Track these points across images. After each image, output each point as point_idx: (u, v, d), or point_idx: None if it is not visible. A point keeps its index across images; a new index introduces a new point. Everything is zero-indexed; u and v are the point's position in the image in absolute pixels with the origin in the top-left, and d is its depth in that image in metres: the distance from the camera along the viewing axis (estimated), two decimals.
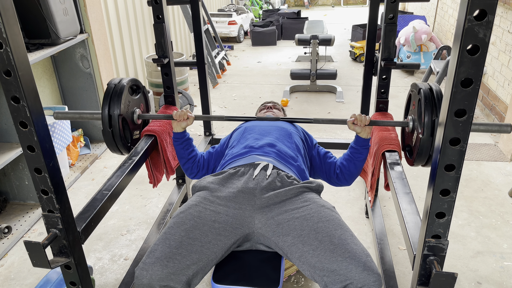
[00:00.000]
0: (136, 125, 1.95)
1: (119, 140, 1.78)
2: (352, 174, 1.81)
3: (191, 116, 1.80)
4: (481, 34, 0.82)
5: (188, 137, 1.88)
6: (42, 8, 2.37)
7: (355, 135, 1.77)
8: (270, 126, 1.85)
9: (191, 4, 2.52)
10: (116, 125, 1.73)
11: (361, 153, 1.76)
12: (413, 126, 1.68)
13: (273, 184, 1.49)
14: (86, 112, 1.82)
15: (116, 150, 1.83)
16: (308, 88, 4.63)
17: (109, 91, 1.75)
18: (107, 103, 1.73)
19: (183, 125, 1.82)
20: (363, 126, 1.70)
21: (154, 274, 1.22)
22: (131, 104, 1.87)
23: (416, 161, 1.64)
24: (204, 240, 1.33)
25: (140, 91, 1.95)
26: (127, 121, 1.85)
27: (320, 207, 1.41)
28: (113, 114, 1.72)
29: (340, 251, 1.25)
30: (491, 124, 1.48)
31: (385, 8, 2.04)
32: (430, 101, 1.51)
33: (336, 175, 1.84)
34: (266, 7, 9.58)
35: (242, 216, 1.42)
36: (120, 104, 1.73)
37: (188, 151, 1.88)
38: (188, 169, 1.90)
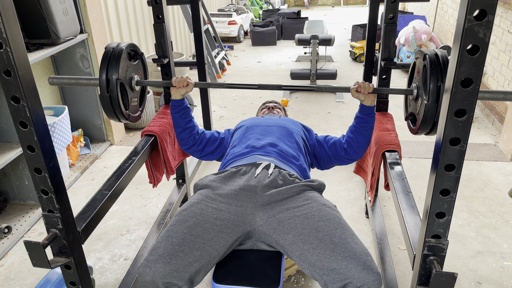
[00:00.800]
0: (134, 91, 1.87)
1: (117, 106, 1.70)
2: (361, 145, 1.79)
3: (191, 83, 1.79)
4: (481, 34, 0.82)
5: (186, 105, 1.86)
6: (42, 8, 2.37)
7: (360, 104, 1.75)
8: (271, 125, 1.85)
9: (191, 4, 2.52)
10: (115, 90, 1.67)
11: (367, 121, 1.75)
12: (418, 94, 1.63)
13: (275, 182, 1.50)
14: (82, 78, 1.75)
15: (113, 117, 1.76)
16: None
17: (107, 55, 1.68)
18: (105, 67, 1.66)
19: (182, 92, 1.81)
20: (366, 94, 1.69)
21: (157, 271, 1.23)
22: (129, 70, 1.80)
23: (420, 128, 1.59)
24: (206, 237, 1.33)
25: (139, 57, 1.88)
26: (125, 87, 1.78)
27: (321, 205, 1.42)
28: (111, 78, 1.65)
29: (340, 250, 1.25)
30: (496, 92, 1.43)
31: (385, 8, 2.04)
32: (436, 67, 1.47)
33: (345, 151, 1.82)
34: (266, 7, 9.58)
35: (243, 214, 1.42)
36: (118, 69, 1.66)
37: (185, 121, 1.86)
38: (183, 139, 1.89)
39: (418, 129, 1.61)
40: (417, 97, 1.64)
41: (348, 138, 1.80)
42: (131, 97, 1.85)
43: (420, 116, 1.56)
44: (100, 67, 1.67)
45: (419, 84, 1.62)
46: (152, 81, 1.87)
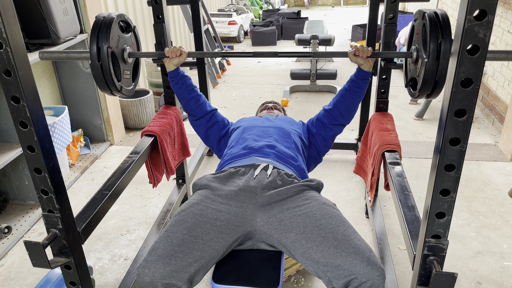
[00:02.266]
0: (127, 64, 1.83)
1: (109, 76, 1.65)
2: (349, 110, 1.77)
3: (184, 52, 1.77)
4: (481, 34, 0.82)
5: (183, 74, 1.84)
6: (42, 8, 2.37)
7: (357, 68, 1.74)
8: (269, 126, 1.85)
9: (191, 4, 2.52)
10: (106, 59, 1.62)
11: (361, 87, 1.74)
12: (417, 55, 1.58)
13: (274, 183, 1.50)
14: (73, 51, 1.71)
15: (105, 88, 1.71)
16: (308, 88, 4.63)
17: (97, 23, 1.63)
18: (96, 36, 1.61)
19: (175, 62, 1.80)
20: (365, 58, 1.67)
21: (156, 272, 1.23)
22: (121, 41, 1.76)
23: (421, 90, 1.53)
24: (206, 238, 1.33)
25: (131, 30, 1.85)
26: (117, 58, 1.74)
27: (321, 204, 1.42)
28: (101, 47, 1.61)
29: (344, 247, 1.25)
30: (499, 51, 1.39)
31: (385, 8, 2.04)
32: (436, 24, 1.42)
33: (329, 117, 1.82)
34: (266, 7, 9.58)
35: (243, 214, 1.42)
36: (109, 37, 1.62)
37: (188, 90, 1.85)
38: (192, 110, 1.88)
39: (419, 91, 1.55)
40: (417, 59, 1.59)
41: (336, 101, 1.79)
42: (124, 69, 1.80)
43: (421, 77, 1.51)
44: (90, 36, 1.63)
45: (418, 45, 1.57)
46: (145, 52, 1.83)
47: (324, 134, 1.88)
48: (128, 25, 1.83)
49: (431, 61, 1.43)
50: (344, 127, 1.88)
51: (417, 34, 1.61)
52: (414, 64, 1.63)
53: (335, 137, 1.93)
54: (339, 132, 1.89)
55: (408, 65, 1.75)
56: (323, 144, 1.91)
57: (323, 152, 1.94)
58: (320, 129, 1.88)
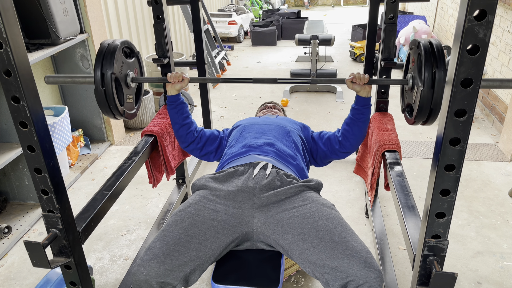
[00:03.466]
0: (130, 88, 1.87)
1: (112, 101, 1.69)
2: (357, 137, 1.80)
3: (186, 78, 1.79)
4: (481, 34, 0.82)
5: (182, 101, 1.86)
6: (42, 8, 2.37)
7: (355, 96, 1.76)
8: (268, 124, 1.85)
9: (191, 4, 2.52)
10: (109, 85, 1.66)
11: (363, 113, 1.76)
12: (413, 83, 1.64)
13: (273, 183, 1.49)
14: (78, 76, 1.75)
15: (108, 112, 1.75)
16: (308, 88, 4.63)
17: (102, 50, 1.68)
18: (100, 62, 1.65)
19: (177, 87, 1.81)
20: (362, 85, 1.70)
21: (151, 270, 1.23)
22: (125, 66, 1.80)
23: (416, 117, 1.59)
24: (202, 238, 1.33)
25: (135, 55, 1.88)
26: (121, 83, 1.78)
27: (319, 205, 1.42)
28: (105, 73, 1.65)
29: (341, 248, 1.25)
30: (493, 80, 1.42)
31: (385, 8, 2.04)
32: (430, 53, 1.48)
33: (339, 144, 1.83)
34: (266, 7, 9.58)
35: (241, 215, 1.42)
36: (113, 63, 1.66)
37: (183, 117, 1.86)
38: (182, 136, 1.89)
39: (415, 118, 1.60)
40: (413, 86, 1.64)
41: (343, 130, 1.81)
42: (127, 94, 1.84)
43: (417, 104, 1.56)
44: (95, 63, 1.67)
45: (414, 73, 1.62)
46: (148, 78, 1.87)
47: (329, 155, 1.89)
48: (132, 51, 1.87)
49: (426, 90, 1.49)
50: (349, 155, 1.89)
51: (412, 62, 1.66)
52: (410, 91, 1.68)
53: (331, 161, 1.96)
54: (341, 158, 1.91)
55: (405, 91, 1.80)
56: (321, 161, 1.93)
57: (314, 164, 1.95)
58: (328, 150, 1.87)
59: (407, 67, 1.75)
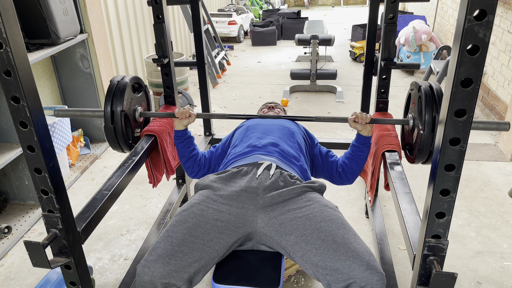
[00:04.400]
0: (137, 123, 1.95)
1: (121, 137, 1.77)
2: (354, 172, 1.81)
3: (193, 114, 1.82)
4: (481, 34, 0.82)
5: (189, 135, 1.88)
6: (42, 8, 2.37)
7: (356, 133, 1.77)
8: (272, 125, 1.85)
9: (191, 4, 2.52)
10: (119, 122, 1.73)
11: (363, 151, 1.77)
12: (414, 124, 1.69)
13: (276, 184, 1.49)
14: (87, 110, 1.81)
15: (117, 147, 1.82)
16: (308, 88, 4.63)
17: (112, 88, 1.75)
18: (110, 99, 1.72)
19: (185, 123, 1.82)
20: (364, 124, 1.70)
21: (156, 271, 1.23)
22: (133, 102, 1.87)
23: (417, 158, 1.65)
24: (206, 238, 1.33)
25: (142, 90, 1.95)
26: (129, 118, 1.85)
27: (323, 206, 1.42)
28: (115, 110, 1.72)
29: (343, 250, 1.25)
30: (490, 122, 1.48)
31: (385, 8, 2.04)
32: (430, 98, 1.53)
33: (339, 174, 1.84)
34: (266, 7, 9.58)
35: (244, 215, 1.42)
36: (122, 101, 1.73)
37: (190, 150, 1.87)
38: (189, 167, 1.90)
39: (415, 159, 1.67)
40: (413, 127, 1.70)
41: (343, 163, 1.83)
42: (135, 128, 1.91)
43: (417, 145, 1.62)
44: (105, 100, 1.74)
45: (414, 114, 1.68)
46: (156, 112, 1.92)
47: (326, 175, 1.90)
48: (139, 85, 1.93)
49: (426, 134, 1.54)
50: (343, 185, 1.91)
51: (413, 104, 1.71)
52: (411, 131, 1.74)
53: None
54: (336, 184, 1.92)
55: (405, 130, 1.86)
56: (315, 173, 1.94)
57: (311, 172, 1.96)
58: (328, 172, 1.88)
59: (408, 107, 1.79)
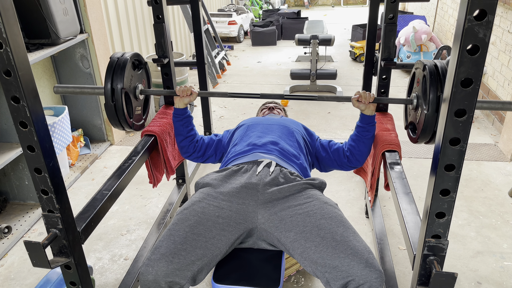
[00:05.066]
0: (138, 100, 1.91)
1: (122, 115, 1.74)
2: (363, 153, 1.81)
3: (195, 92, 1.81)
4: (481, 34, 0.82)
5: (189, 114, 1.88)
6: (42, 8, 2.37)
7: (360, 113, 1.77)
8: (272, 124, 1.86)
9: (191, 4, 2.52)
10: (119, 99, 1.70)
11: (368, 130, 1.77)
12: (417, 103, 1.66)
13: (276, 180, 1.50)
14: (87, 86, 1.79)
15: (118, 125, 1.79)
16: (308, 88, 4.63)
17: (112, 65, 1.71)
18: (110, 76, 1.69)
19: (186, 101, 1.83)
20: (367, 104, 1.71)
21: (160, 270, 1.23)
22: (134, 79, 1.83)
23: (420, 137, 1.62)
24: (209, 236, 1.33)
25: (142, 67, 1.91)
26: (130, 96, 1.81)
27: (323, 203, 1.42)
28: (116, 87, 1.69)
29: (342, 248, 1.25)
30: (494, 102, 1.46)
31: (385, 8, 2.04)
32: (435, 77, 1.50)
33: (347, 159, 1.83)
34: (266, 7, 9.58)
35: (245, 211, 1.42)
36: (123, 78, 1.70)
37: (188, 129, 1.88)
38: (184, 147, 1.90)
39: (418, 138, 1.64)
40: (417, 106, 1.67)
41: (350, 146, 1.82)
42: (135, 106, 1.88)
43: (420, 125, 1.60)
44: (105, 77, 1.70)
45: (419, 93, 1.65)
46: (156, 90, 1.89)
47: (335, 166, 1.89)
48: (140, 62, 1.89)
49: (430, 113, 1.51)
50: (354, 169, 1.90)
51: (417, 83, 1.68)
52: (414, 111, 1.70)
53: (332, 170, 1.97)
54: (346, 171, 1.91)
55: (408, 109, 1.82)
56: (324, 167, 1.93)
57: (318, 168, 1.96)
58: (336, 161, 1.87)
59: (412, 86, 1.77)
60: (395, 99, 1.73)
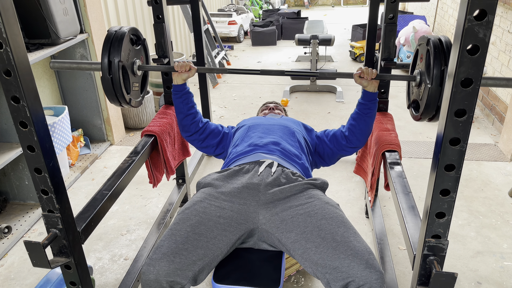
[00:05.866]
0: (136, 77, 1.87)
1: (119, 89, 1.70)
2: (364, 132, 1.79)
3: (193, 68, 1.80)
4: (481, 34, 0.82)
5: (188, 90, 1.86)
6: (42, 8, 2.37)
7: (362, 90, 1.76)
8: (273, 124, 1.85)
9: (191, 4, 2.52)
10: (116, 72, 1.66)
11: (370, 108, 1.75)
12: (421, 79, 1.62)
13: (278, 180, 1.50)
14: (84, 62, 1.76)
15: (115, 100, 1.75)
16: (308, 88, 4.63)
17: (109, 37, 1.67)
18: (107, 49, 1.65)
19: (184, 77, 1.81)
20: (369, 80, 1.69)
21: (161, 269, 1.23)
22: (132, 55, 1.80)
23: (423, 113, 1.58)
24: (210, 236, 1.33)
25: (141, 43, 1.88)
26: (127, 70, 1.78)
27: (324, 204, 1.42)
28: (113, 60, 1.65)
29: (343, 249, 1.25)
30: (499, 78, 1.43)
31: (385, 8, 2.04)
32: (439, 51, 1.47)
33: (346, 140, 1.82)
34: (266, 7, 9.58)
35: (246, 212, 1.42)
36: (120, 51, 1.66)
37: (188, 106, 1.86)
38: (185, 126, 1.89)
39: (421, 115, 1.59)
40: (420, 83, 1.62)
41: (350, 125, 1.80)
42: (133, 82, 1.84)
43: (424, 101, 1.55)
44: (102, 50, 1.66)
45: (422, 69, 1.60)
46: (154, 66, 1.86)
47: (337, 152, 1.88)
48: (138, 38, 1.86)
49: (434, 87, 1.47)
50: (357, 150, 1.88)
51: (421, 59, 1.64)
52: (417, 88, 1.66)
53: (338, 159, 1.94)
54: (349, 154, 1.89)
55: (411, 87, 1.78)
56: (329, 159, 1.91)
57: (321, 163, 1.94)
58: (335, 147, 1.87)
59: (415, 63, 1.73)
60: (399, 75, 1.69)
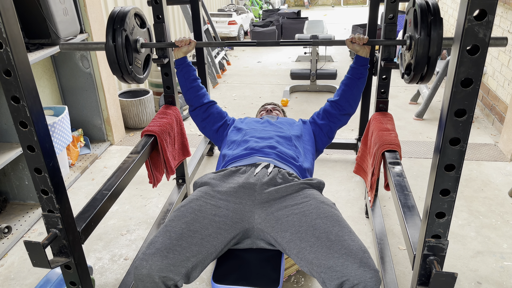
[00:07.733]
0: (139, 54, 1.91)
1: (121, 57, 1.73)
2: (355, 97, 1.86)
3: (193, 41, 1.89)
4: (481, 34, 0.82)
5: (188, 63, 1.94)
6: (42, 8, 2.37)
7: (355, 56, 1.85)
8: (270, 130, 1.85)
9: (191, 4, 2.52)
10: (119, 40, 1.70)
11: (362, 73, 1.83)
12: (410, 42, 1.68)
13: (274, 180, 1.50)
14: (91, 42, 1.83)
15: (117, 70, 1.78)
16: (308, 88, 4.63)
17: (113, 15, 1.73)
18: (112, 24, 1.70)
19: (184, 50, 1.90)
20: (361, 44, 1.78)
21: (154, 264, 1.23)
22: (135, 32, 1.85)
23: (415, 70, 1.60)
24: (205, 233, 1.34)
25: (146, 27, 1.95)
26: (130, 43, 1.81)
27: (319, 203, 1.42)
28: (117, 28, 1.70)
29: (337, 248, 1.25)
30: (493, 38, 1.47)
31: (385, 8, 2.04)
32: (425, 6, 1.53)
33: (337, 107, 1.89)
34: (266, 7, 9.58)
35: (242, 211, 1.43)
36: (124, 21, 1.71)
37: (190, 79, 1.94)
38: (189, 99, 1.96)
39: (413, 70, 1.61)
40: (410, 45, 1.68)
41: (341, 91, 1.87)
42: (135, 57, 1.89)
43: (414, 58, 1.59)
44: (107, 22, 1.72)
45: (412, 33, 1.66)
46: (157, 43, 1.95)
47: (332, 124, 1.93)
48: (143, 22, 1.93)
49: (423, 37, 1.52)
50: (350, 117, 1.94)
51: (409, 24, 1.70)
52: (409, 51, 1.71)
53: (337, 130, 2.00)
54: (344, 123, 1.95)
55: (403, 55, 1.83)
56: (327, 135, 1.96)
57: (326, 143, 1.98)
58: (328, 120, 1.93)
59: (405, 31, 1.80)
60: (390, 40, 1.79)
